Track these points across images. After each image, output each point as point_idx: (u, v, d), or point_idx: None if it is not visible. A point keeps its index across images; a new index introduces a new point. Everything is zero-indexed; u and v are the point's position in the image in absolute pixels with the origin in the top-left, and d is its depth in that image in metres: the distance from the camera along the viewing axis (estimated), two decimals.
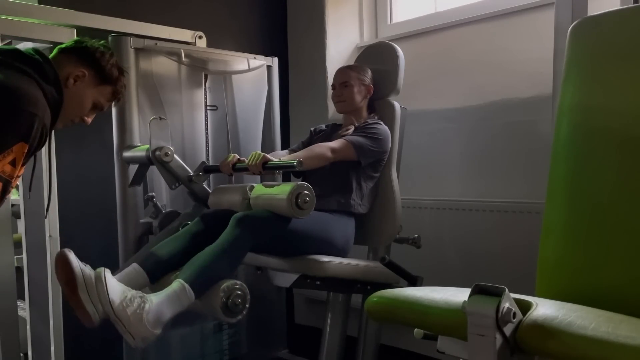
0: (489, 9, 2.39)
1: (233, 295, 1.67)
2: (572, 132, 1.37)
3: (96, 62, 1.57)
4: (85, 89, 1.56)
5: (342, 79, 2.16)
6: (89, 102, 1.58)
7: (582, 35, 1.41)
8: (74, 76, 1.53)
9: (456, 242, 2.34)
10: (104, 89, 1.60)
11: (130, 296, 1.53)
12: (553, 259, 1.34)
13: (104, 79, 1.59)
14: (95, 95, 1.59)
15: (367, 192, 2.08)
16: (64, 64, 1.52)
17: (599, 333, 0.85)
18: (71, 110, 1.53)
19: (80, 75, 1.54)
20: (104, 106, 1.64)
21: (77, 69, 1.54)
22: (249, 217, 1.79)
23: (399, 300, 1.13)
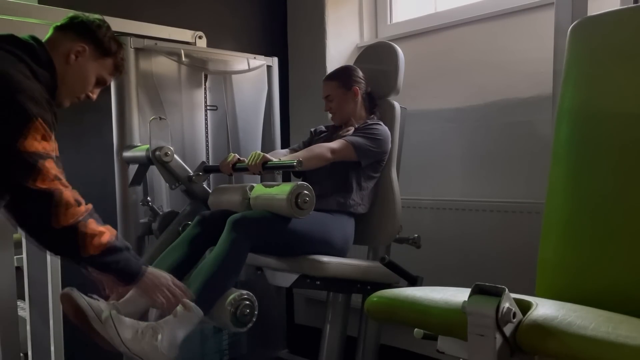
0: (489, 9, 2.39)
1: (241, 306, 1.70)
2: (572, 132, 1.37)
3: (94, 36, 1.56)
4: (87, 63, 1.55)
5: (324, 93, 2.17)
6: (93, 77, 1.57)
7: (582, 35, 1.41)
8: (75, 52, 1.52)
9: (456, 242, 2.34)
10: (105, 61, 1.59)
11: (142, 330, 1.55)
12: (553, 259, 1.34)
13: (104, 52, 1.58)
14: (98, 69, 1.58)
15: (367, 192, 2.08)
16: (62, 41, 1.51)
17: (599, 333, 0.85)
18: (76, 86, 1.53)
19: (80, 50, 1.53)
20: (107, 80, 1.62)
21: (76, 44, 1.52)
22: (245, 219, 1.79)
23: (399, 300, 1.13)
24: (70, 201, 1.35)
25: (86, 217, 1.39)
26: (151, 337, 1.54)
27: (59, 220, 1.32)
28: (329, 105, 2.17)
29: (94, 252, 1.40)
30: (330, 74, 2.22)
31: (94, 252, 1.40)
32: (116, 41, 1.61)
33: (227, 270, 1.73)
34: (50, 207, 1.32)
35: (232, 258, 1.75)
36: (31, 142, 1.28)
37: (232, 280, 1.75)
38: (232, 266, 1.75)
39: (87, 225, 1.38)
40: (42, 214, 1.32)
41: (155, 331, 1.55)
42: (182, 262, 1.85)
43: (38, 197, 1.30)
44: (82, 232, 1.37)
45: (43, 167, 1.30)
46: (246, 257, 1.80)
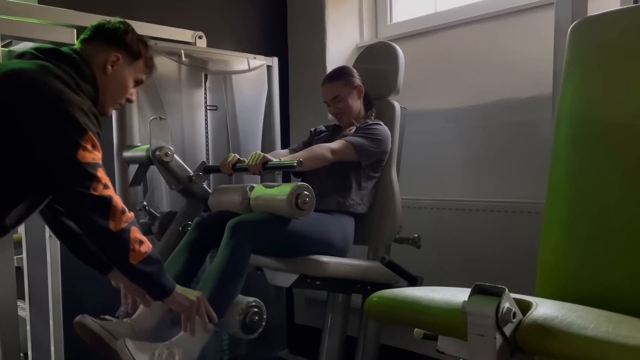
0: (489, 9, 2.39)
1: (250, 313, 1.75)
2: (572, 132, 1.37)
3: (124, 42, 1.59)
4: (123, 70, 1.58)
5: (331, 95, 2.13)
6: (130, 82, 1.62)
7: (582, 35, 1.41)
8: (110, 62, 1.55)
9: (456, 242, 2.34)
10: (137, 64, 1.63)
11: (158, 352, 1.58)
12: (553, 259, 1.34)
13: (135, 55, 1.61)
14: (133, 73, 1.62)
15: (367, 192, 2.08)
16: (95, 53, 1.54)
17: (599, 333, 0.85)
18: (117, 94, 1.57)
19: (115, 60, 1.56)
20: (143, 80, 1.67)
21: (110, 54, 1.56)
22: (243, 223, 1.79)
23: (399, 300, 1.13)
24: (122, 206, 1.44)
25: (133, 223, 1.46)
26: (168, 357, 1.58)
27: (115, 224, 1.41)
28: (336, 107, 2.13)
29: (138, 258, 1.45)
30: (332, 75, 2.17)
31: (138, 258, 1.45)
32: (143, 42, 1.64)
33: (232, 279, 1.75)
34: (108, 211, 1.40)
35: (235, 265, 1.76)
36: (86, 152, 1.36)
37: (238, 287, 1.77)
38: (236, 273, 1.76)
39: (134, 230, 1.46)
40: (101, 217, 1.39)
41: (171, 351, 1.58)
42: (184, 271, 1.87)
43: (98, 202, 1.38)
44: (132, 237, 1.44)
45: (99, 175, 1.39)
46: (248, 261, 1.81)
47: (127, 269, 1.48)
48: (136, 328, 1.68)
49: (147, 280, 1.51)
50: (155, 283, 1.52)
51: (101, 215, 1.39)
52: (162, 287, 1.54)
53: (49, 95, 1.35)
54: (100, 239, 1.44)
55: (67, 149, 1.34)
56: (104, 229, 1.40)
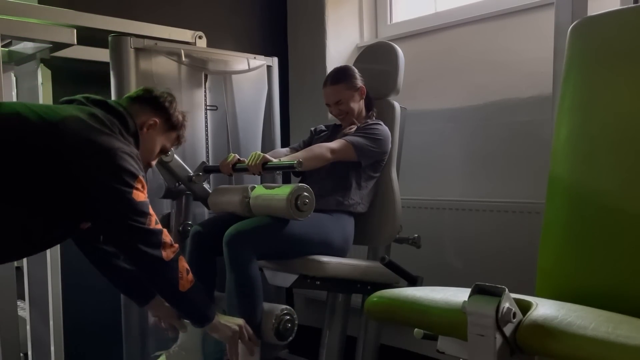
0: (489, 9, 2.39)
1: (283, 321, 1.83)
2: (572, 132, 1.37)
3: (166, 111, 1.69)
4: (156, 135, 1.69)
5: (334, 99, 2.11)
6: (158, 148, 1.72)
7: (582, 35, 1.41)
8: (148, 125, 1.65)
9: (456, 242, 2.34)
10: (171, 134, 1.74)
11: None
12: (553, 259, 1.34)
13: (172, 126, 1.72)
14: (164, 140, 1.72)
15: (367, 192, 2.08)
16: (139, 113, 1.64)
17: (599, 333, 0.85)
18: (143, 155, 1.63)
19: (152, 124, 1.66)
20: (168, 150, 1.79)
21: (150, 117, 1.66)
22: (240, 234, 1.80)
23: (399, 300, 1.13)
24: (170, 239, 1.54)
25: (180, 253, 1.55)
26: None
27: (167, 254, 1.51)
28: (339, 109, 2.12)
29: (187, 286, 1.55)
30: (334, 78, 2.13)
31: (187, 286, 1.55)
32: (183, 116, 1.75)
33: (249, 294, 1.79)
34: (160, 242, 1.50)
35: (246, 280, 1.79)
36: (140, 193, 1.47)
37: (260, 297, 1.81)
38: (251, 287, 1.80)
39: (182, 260, 1.56)
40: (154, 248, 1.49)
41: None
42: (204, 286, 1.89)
43: (151, 234, 1.49)
44: (182, 266, 1.54)
45: (151, 212, 1.50)
46: (257, 269, 1.83)
47: (176, 297, 1.57)
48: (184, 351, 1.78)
49: (193, 307, 1.61)
50: (200, 311, 1.62)
51: (154, 246, 1.49)
52: (206, 315, 1.62)
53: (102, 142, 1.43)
54: (152, 269, 1.52)
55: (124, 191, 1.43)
56: (157, 259, 1.49)
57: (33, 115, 1.40)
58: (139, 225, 1.46)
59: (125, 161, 1.45)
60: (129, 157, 1.47)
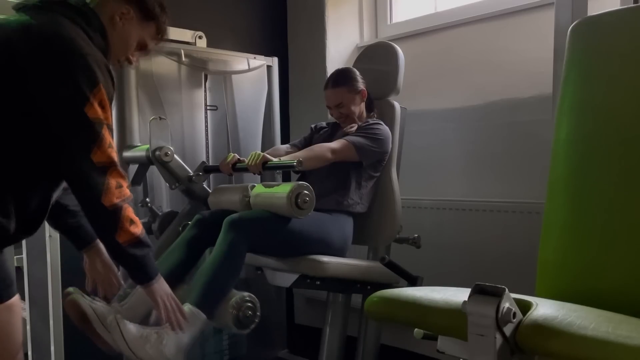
0: (489, 9, 2.39)
1: (243, 307, 1.72)
2: (572, 132, 1.37)
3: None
4: (130, 26, 1.51)
5: (335, 102, 2.11)
6: (134, 40, 1.54)
7: (582, 35, 1.41)
8: (119, 14, 1.48)
9: (456, 242, 2.34)
10: (148, 25, 1.56)
11: (146, 334, 1.55)
12: (553, 259, 1.34)
13: (148, 15, 1.55)
14: (140, 33, 1.55)
15: (366, 191, 2.08)
16: (107, 4, 1.48)
17: (599, 333, 0.85)
18: (118, 49, 1.51)
19: (125, 13, 1.49)
20: (149, 45, 1.59)
21: (121, 6, 1.49)
22: (241, 220, 1.79)
23: (399, 300, 1.13)
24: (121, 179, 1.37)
25: (127, 201, 1.40)
26: (156, 341, 1.54)
27: (109, 199, 1.33)
28: (339, 112, 2.12)
29: (127, 238, 1.39)
30: (335, 80, 2.13)
31: (127, 238, 1.39)
32: (160, 5, 1.58)
33: (226, 273, 1.74)
34: (104, 182, 1.32)
35: (231, 260, 1.75)
36: (95, 108, 1.29)
37: (232, 282, 1.75)
38: (231, 268, 1.75)
39: (128, 209, 1.39)
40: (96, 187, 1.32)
41: (160, 336, 1.55)
42: (180, 265, 1.86)
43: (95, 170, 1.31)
44: (124, 215, 1.37)
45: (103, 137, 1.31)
46: (244, 258, 1.80)
47: (112, 247, 1.44)
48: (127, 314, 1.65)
49: (131, 262, 1.45)
50: (142, 267, 1.46)
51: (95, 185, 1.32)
52: (148, 273, 1.48)
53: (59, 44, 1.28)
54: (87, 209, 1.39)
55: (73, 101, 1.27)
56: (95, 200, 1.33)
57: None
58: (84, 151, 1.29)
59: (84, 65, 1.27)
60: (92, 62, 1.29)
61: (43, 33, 1.28)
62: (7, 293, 1.29)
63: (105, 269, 1.65)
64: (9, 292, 1.30)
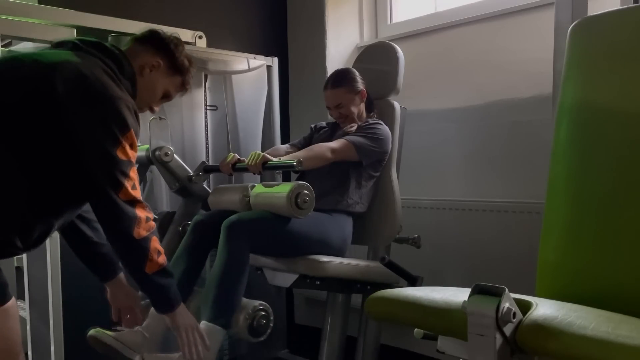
0: (489, 9, 2.39)
1: (257, 317, 1.78)
2: (572, 132, 1.37)
3: (171, 53, 1.61)
4: (159, 78, 1.59)
5: (334, 102, 2.11)
6: (160, 91, 1.62)
7: (582, 35, 1.41)
8: (150, 65, 1.56)
9: (456, 242, 2.34)
10: (175, 79, 1.64)
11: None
12: (553, 259, 1.34)
13: (176, 70, 1.62)
14: (167, 84, 1.62)
15: (366, 191, 2.08)
16: (140, 54, 1.56)
17: (599, 333, 0.85)
18: (144, 97, 1.56)
19: (155, 65, 1.57)
20: (172, 96, 1.67)
21: (153, 58, 1.57)
22: (239, 222, 1.79)
23: (399, 300, 1.13)
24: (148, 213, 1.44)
25: (154, 233, 1.46)
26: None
27: (139, 232, 1.41)
28: (339, 112, 2.12)
29: (155, 269, 1.46)
30: (335, 81, 2.13)
31: (155, 269, 1.46)
32: (189, 60, 1.65)
33: (234, 281, 1.76)
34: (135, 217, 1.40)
35: (235, 268, 1.77)
36: (126, 150, 1.37)
37: (241, 288, 1.78)
38: (238, 275, 1.77)
39: (155, 240, 1.46)
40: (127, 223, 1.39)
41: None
42: (185, 274, 1.88)
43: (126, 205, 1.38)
44: (152, 246, 1.45)
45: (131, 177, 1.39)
46: (248, 261, 1.81)
47: (140, 278, 1.49)
48: (147, 334, 1.70)
49: (157, 292, 1.52)
50: (164, 296, 1.53)
51: (126, 220, 1.39)
52: (169, 302, 1.54)
53: (97, 87, 1.34)
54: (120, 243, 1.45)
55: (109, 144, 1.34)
56: (127, 235, 1.40)
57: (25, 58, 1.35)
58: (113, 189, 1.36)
59: (118, 110, 1.35)
60: (124, 107, 1.36)
61: (81, 74, 1.34)
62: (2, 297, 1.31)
63: (129, 298, 1.71)
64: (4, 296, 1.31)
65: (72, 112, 1.32)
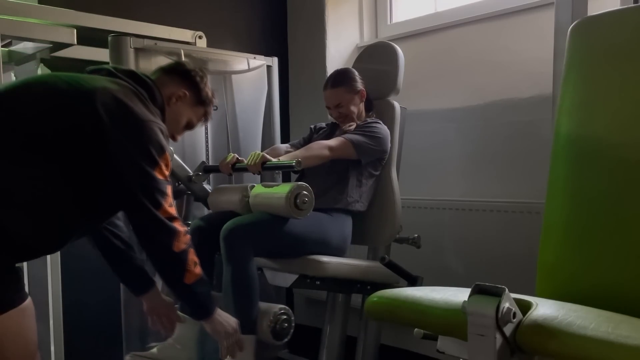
0: (489, 9, 2.39)
1: (280, 320, 1.83)
2: (572, 132, 1.37)
3: (196, 85, 1.69)
4: (184, 108, 1.68)
5: (334, 102, 2.12)
6: (185, 121, 1.70)
7: (582, 35, 1.41)
8: (176, 96, 1.65)
9: (456, 242, 2.34)
10: (199, 109, 1.72)
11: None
12: (553, 259, 1.34)
13: (201, 101, 1.71)
14: (191, 115, 1.71)
15: (366, 190, 2.08)
16: (168, 84, 1.64)
17: (599, 333, 0.85)
18: (169, 126, 1.61)
19: (181, 96, 1.66)
20: (195, 126, 1.76)
21: (179, 89, 1.66)
22: (238, 228, 1.80)
23: (399, 300, 1.13)
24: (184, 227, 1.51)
25: (190, 245, 1.52)
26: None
27: (179, 245, 1.48)
28: (339, 112, 2.13)
29: (193, 279, 1.52)
30: (334, 81, 2.13)
31: (193, 279, 1.52)
32: (212, 93, 1.75)
33: (246, 288, 1.79)
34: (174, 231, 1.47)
35: (243, 275, 1.79)
36: (163, 170, 1.45)
37: (256, 292, 1.81)
38: (248, 281, 1.80)
39: (192, 252, 1.53)
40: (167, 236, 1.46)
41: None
42: None
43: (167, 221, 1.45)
44: (190, 258, 1.52)
45: (168, 194, 1.47)
46: (254, 265, 1.83)
47: (180, 289, 1.55)
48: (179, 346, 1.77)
49: (196, 300, 1.58)
50: (201, 304, 1.60)
51: (166, 235, 1.46)
52: (207, 309, 1.62)
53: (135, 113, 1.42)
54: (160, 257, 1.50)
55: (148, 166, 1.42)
56: (167, 249, 1.46)
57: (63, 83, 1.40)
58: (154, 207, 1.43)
59: (155, 134, 1.43)
60: (159, 131, 1.45)
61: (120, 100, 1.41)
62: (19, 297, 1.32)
63: (166, 308, 1.77)
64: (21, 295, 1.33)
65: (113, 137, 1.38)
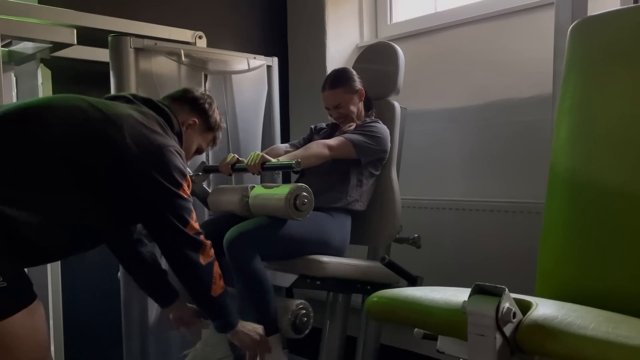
0: (489, 9, 2.39)
1: (300, 315, 1.87)
2: (572, 132, 1.37)
3: (205, 112, 1.74)
4: (194, 135, 1.74)
5: (333, 103, 2.12)
6: (195, 147, 1.77)
7: (582, 35, 1.41)
8: (187, 124, 1.70)
9: (456, 242, 2.34)
10: (208, 135, 1.79)
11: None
12: (553, 259, 1.34)
13: (210, 127, 1.78)
14: (200, 141, 1.77)
15: (366, 189, 2.08)
16: (179, 112, 1.68)
17: (599, 333, 0.85)
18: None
19: (192, 124, 1.72)
20: (204, 151, 1.83)
21: (189, 117, 1.72)
22: (240, 237, 1.80)
23: (399, 300, 1.13)
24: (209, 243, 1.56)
25: (215, 259, 1.57)
26: None
27: (205, 259, 1.54)
28: (338, 113, 2.13)
29: (219, 291, 1.58)
30: (333, 81, 2.13)
31: (219, 291, 1.58)
32: (220, 118, 1.82)
33: (261, 292, 1.81)
34: (200, 246, 1.53)
35: (255, 280, 1.80)
36: (186, 190, 1.51)
37: (270, 293, 1.83)
38: (260, 285, 1.81)
39: (217, 265, 1.59)
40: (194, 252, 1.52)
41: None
42: None
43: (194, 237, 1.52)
44: (216, 271, 1.58)
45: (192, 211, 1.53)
46: (262, 266, 1.83)
47: (206, 301, 1.60)
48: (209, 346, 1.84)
49: (220, 313, 1.63)
50: (226, 317, 1.65)
51: (194, 249, 1.51)
52: (230, 321, 1.67)
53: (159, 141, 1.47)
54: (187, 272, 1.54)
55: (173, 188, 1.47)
56: (194, 262, 1.51)
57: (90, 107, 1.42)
58: (182, 225, 1.49)
59: (177, 159, 1.49)
60: (180, 156, 1.51)
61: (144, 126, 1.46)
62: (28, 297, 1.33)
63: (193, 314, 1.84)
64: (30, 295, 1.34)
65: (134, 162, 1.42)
